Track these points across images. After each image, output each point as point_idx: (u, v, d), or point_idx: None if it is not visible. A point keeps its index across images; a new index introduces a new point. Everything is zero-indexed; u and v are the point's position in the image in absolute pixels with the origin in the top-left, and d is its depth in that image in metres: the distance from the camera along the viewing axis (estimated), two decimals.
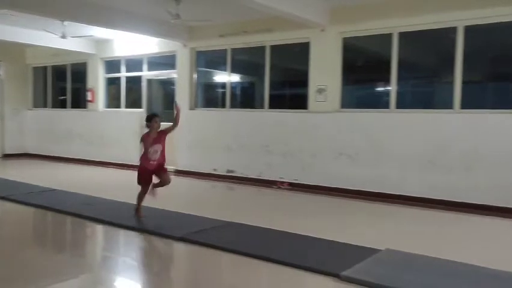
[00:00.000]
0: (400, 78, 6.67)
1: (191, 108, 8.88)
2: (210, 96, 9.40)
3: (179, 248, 4.32)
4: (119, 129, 10.01)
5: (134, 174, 5.17)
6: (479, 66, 6.47)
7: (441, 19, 6.18)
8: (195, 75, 8.99)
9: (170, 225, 4.76)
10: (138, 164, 5.18)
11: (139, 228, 4.73)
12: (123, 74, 10.24)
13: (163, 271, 3.89)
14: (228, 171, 8.28)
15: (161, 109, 9.83)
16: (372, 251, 3.90)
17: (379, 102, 7.08)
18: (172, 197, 6.07)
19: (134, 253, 4.31)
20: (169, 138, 5.26)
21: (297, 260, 3.72)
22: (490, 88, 6.64)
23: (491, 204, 5.74)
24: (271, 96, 7.96)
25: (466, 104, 6.11)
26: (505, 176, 5.70)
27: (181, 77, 9.04)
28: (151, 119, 5.13)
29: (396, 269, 3.52)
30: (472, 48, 6.11)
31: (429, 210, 5.94)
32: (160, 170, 5.09)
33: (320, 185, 7.16)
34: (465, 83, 6.12)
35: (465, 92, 6.12)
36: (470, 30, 6.05)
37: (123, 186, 6.89)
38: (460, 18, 6.04)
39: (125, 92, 10.23)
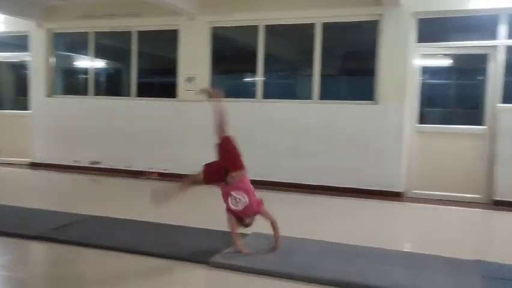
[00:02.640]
0: (266, 70, 6.95)
1: (48, 95, 8.10)
2: (71, 83, 8.67)
3: (35, 247, 3.91)
4: None
5: None
6: (334, 61, 7.06)
7: (302, 15, 6.59)
8: (53, 59, 8.21)
9: (23, 224, 4.27)
10: None
11: None
12: None
13: (17, 273, 3.48)
14: (92, 162, 7.77)
15: (13, 95, 8.79)
16: (241, 236, 4.00)
17: (247, 92, 7.29)
18: (26, 192, 5.47)
19: None
20: (21, 126, 4.66)
21: (166, 250, 3.64)
22: (344, 81, 7.31)
23: (344, 186, 6.35)
24: (139, 84, 7.66)
25: (324, 96, 6.64)
26: (357, 160, 6.34)
27: (36, 60, 8.17)
28: None
29: (263, 251, 3.66)
30: (328, 44, 6.63)
31: (297, 194, 6.30)
32: None
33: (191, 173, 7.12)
34: (323, 76, 6.64)
35: (323, 85, 6.64)
36: (327, 27, 6.56)
37: None
38: (317, 16, 6.51)
39: None
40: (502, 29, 5.81)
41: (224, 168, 3.82)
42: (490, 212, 5.64)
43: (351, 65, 7.18)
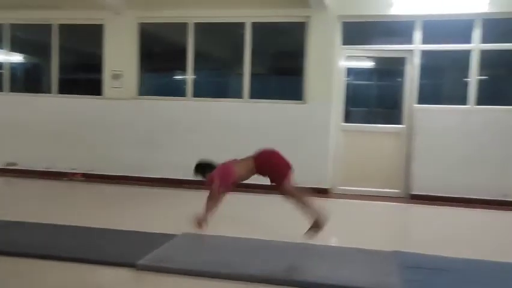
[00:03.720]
0: (197, 68, 6.89)
1: None
2: None
3: None
4: None
5: None
6: (265, 61, 7.15)
7: (232, 14, 6.61)
8: None
9: None
10: None
11: None
12: None
13: None
14: (8, 164, 7.24)
15: None
16: (170, 237, 3.94)
17: (177, 90, 7.17)
18: None
19: None
20: None
21: (90, 254, 3.49)
22: (274, 80, 7.42)
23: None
24: (60, 80, 7.26)
25: (254, 95, 6.70)
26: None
27: None
28: None
29: (193, 251, 3.62)
30: (258, 44, 6.71)
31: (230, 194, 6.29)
32: None
33: (118, 174, 6.89)
34: (253, 75, 6.70)
35: (253, 84, 6.70)
36: (257, 27, 6.63)
37: None
38: (247, 15, 6.56)
39: None
40: (418, 35, 6.22)
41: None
42: (407, 206, 6.02)
43: (280, 65, 7.32)
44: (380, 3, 6.17)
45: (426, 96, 6.32)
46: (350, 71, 6.67)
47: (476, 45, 6.05)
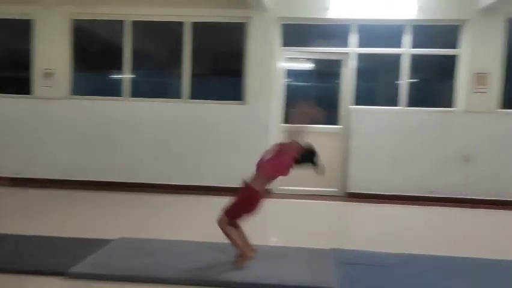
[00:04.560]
0: (135, 67, 6.69)
1: None
2: None
3: None
4: None
5: None
6: (205, 61, 7.08)
7: (171, 13, 6.49)
8: None
9: None
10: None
11: None
12: None
13: None
14: None
15: None
16: (106, 242, 3.78)
17: (114, 90, 6.90)
18: None
19: None
20: None
21: (20, 264, 3.26)
22: (215, 81, 7.36)
23: (214, 185, 6.40)
24: None
25: (194, 95, 6.62)
26: (227, 158, 6.45)
27: None
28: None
29: (130, 256, 3.50)
30: (199, 44, 6.63)
31: (167, 195, 6.16)
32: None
33: (49, 178, 6.52)
34: (194, 75, 6.62)
35: (193, 84, 6.62)
36: (196, 27, 6.55)
37: None
38: (186, 15, 6.47)
39: None
40: (353, 38, 6.43)
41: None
42: (344, 204, 6.21)
43: (221, 66, 7.27)
44: (317, 6, 6.31)
45: (362, 97, 6.55)
46: (290, 73, 6.77)
47: (406, 50, 6.36)
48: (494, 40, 6.10)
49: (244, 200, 3.44)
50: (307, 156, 3.55)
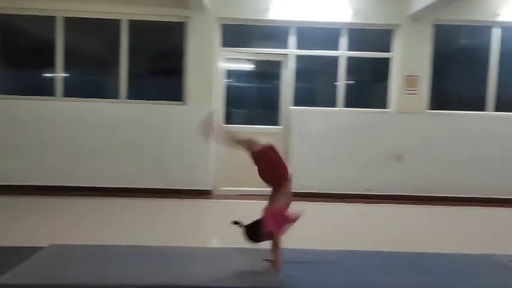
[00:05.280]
0: (68, 66, 6.39)
1: None
2: None
3: None
4: None
5: None
6: (143, 60, 6.89)
7: (106, 10, 6.26)
8: None
9: None
10: None
11: None
12: None
13: None
14: None
15: None
16: (37, 250, 3.56)
17: (45, 89, 6.54)
18: None
19: None
20: None
21: None
22: (153, 81, 7.19)
23: (154, 187, 6.26)
24: None
25: (132, 95, 6.43)
26: (167, 160, 6.32)
27: None
28: None
29: (61, 263, 3.31)
30: (137, 43, 6.44)
31: (104, 199, 5.94)
32: None
33: None
34: (131, 75, 6.43)
35: (131, 84, 6.43)
36: (134, 25, 6.37)
37: None
38: (123, 12, 6.28)
39: None
40: (292, 40, 6.54)
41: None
42: None
43: (160, 65, 7.11)
44: (257, 7, 6.35)
45: (302, 98, 6.68)
46: (230, 73, 6.76)
47: (343, 52, 6.57)
48: (423, 44, 6.46)
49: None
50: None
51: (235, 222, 3.37)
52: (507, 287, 3.18)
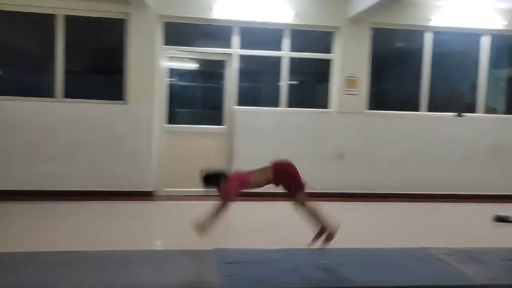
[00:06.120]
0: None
1: None
2: None
3: None
4: None
5: None
6: (82, 58, 6.62)
7: (39, 3, 5.97)
8: None
9: None
10: None
11: None
12: None
13: None
14: None
15: None
16: None
17: None
18: None
19: None
20: None
21: None
22: (93, 79, 6.93)
23: (94, 190, 6.04)
24: None
25: (69, 94, 6.16)
26: (106, 161, 6.12)
27: None
28: None
29: None
30: (74, 39, 6.18)
31: (38, 203, 5.64)
32: None
33: None
34: (68, 72, 6.16)
35: (68, 82, 6.16)
36: (71, 21, 6.10)
37: None
38: (58, 7, 6.01)
39: None
40: (236, 40, 6.54)
41: None
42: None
43: (100, 63, 6.85)
44: (200, 6, 6.29)
45: (246, 98, 6.70)
46: (174, 72, 6.66)
47: (286, 53, 6.66)
48: (362, 47, 6.68)
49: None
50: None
51: None
52: (438, 278, 3.36)
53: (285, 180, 4.19)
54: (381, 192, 6.67)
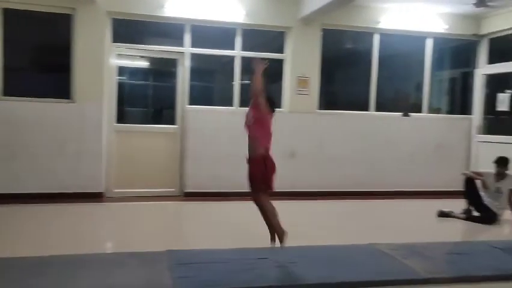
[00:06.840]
0: None
1: None
2: None
3: None
4: None
5: None
6: (24, 54, 6.30)
7: None
8: None
9: None
10: None
11: None
12: None
13: None
14: None
15: None
16: None
17: None
18: None
19: None
20: None
21: None
22: (36, 76, 6.60)
23: (39, 192, 5.78)
24: None
25: (10, 91, 5.85)
26: (52, 162, 5.86)
27: None
28: None
29: None
30: (15, 34, 5.88)
31: None
32: None
33: None
34: (8, 69, 5.86)
35: (8, 79, 5.86)
36: (11, 15, 5.80)
37: None
38: None
39: None
40: (188, 38, 6.46)
41: None
42: (181, 204, 6.21)
43: (44, 60, 6.53)
44: (151, 3, 6.15)
45: (198, 97, 6.63)
46: (124, 70, 6.49)
47: (238, 52, 6.65)
48: (313, 47, 6.79)
49: (259, 169, 3.96)
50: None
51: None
52: (385, 273, 3.47)
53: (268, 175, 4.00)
54: (332, 190, 6.79)
